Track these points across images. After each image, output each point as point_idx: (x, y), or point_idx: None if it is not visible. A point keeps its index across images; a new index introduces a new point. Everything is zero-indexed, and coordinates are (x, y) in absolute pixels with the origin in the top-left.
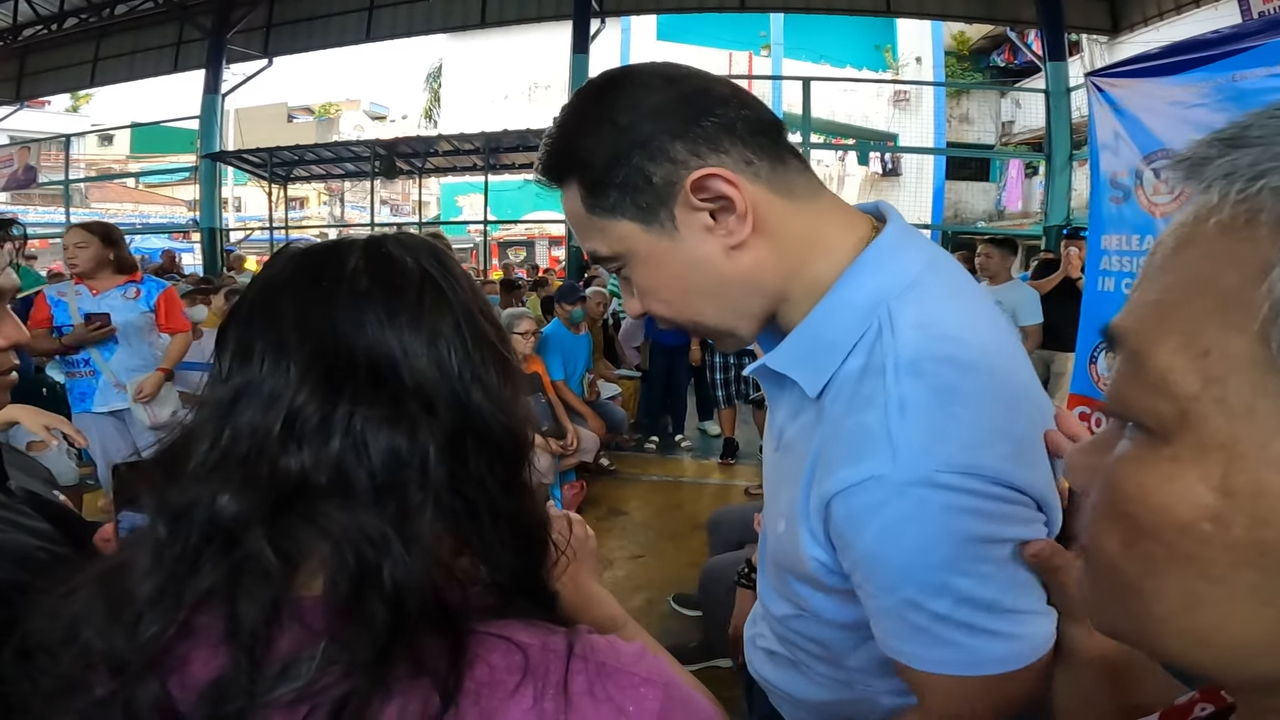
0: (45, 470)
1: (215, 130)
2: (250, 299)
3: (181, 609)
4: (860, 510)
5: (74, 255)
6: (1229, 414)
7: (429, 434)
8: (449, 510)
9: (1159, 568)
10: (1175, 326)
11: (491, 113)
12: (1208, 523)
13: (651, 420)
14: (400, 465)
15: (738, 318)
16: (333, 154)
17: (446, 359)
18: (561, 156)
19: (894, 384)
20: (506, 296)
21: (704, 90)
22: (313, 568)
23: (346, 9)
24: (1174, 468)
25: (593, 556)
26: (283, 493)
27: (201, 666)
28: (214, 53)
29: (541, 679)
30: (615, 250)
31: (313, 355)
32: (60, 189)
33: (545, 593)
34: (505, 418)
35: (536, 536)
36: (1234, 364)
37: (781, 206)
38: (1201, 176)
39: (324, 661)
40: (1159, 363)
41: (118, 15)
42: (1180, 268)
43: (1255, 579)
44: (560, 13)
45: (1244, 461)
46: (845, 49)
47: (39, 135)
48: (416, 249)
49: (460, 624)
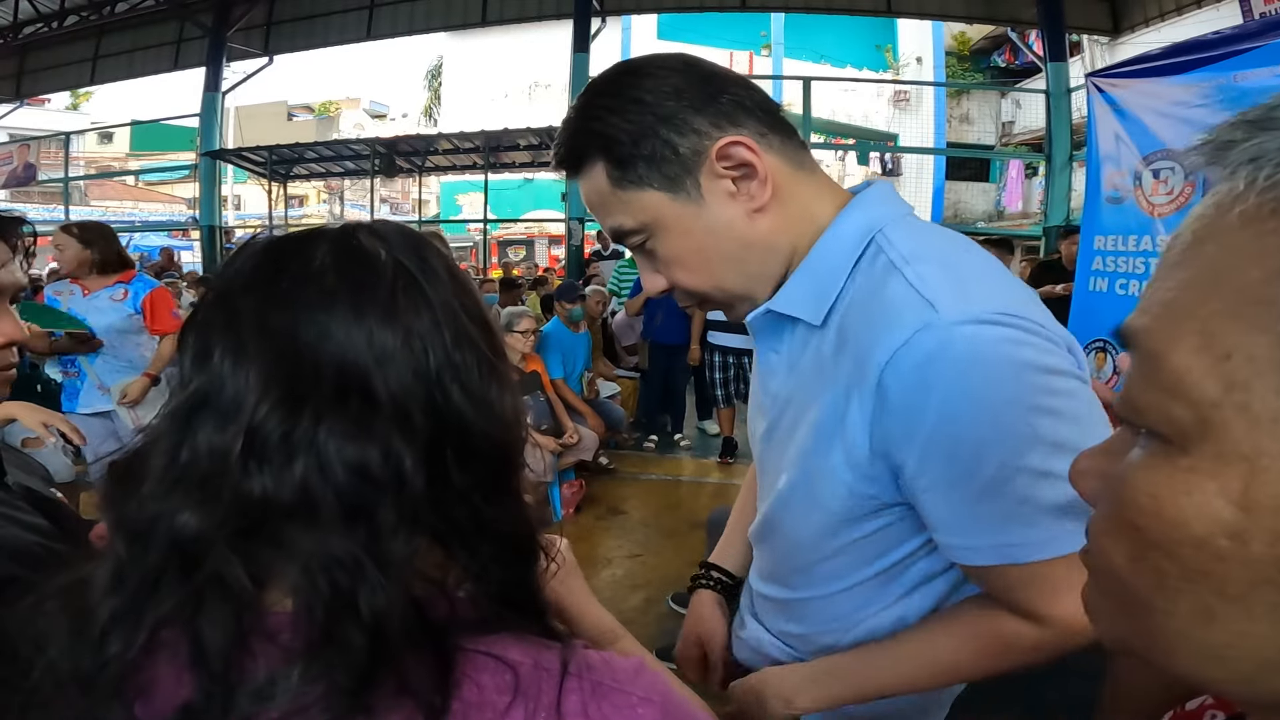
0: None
1: (215, 128)
2: (209, 297)
3: (142, 630)
4: (918, 367)
5: (56, 258)
6: (1253, 422)
7: (404, 446)
8: (431, 525)
9: (1171, 583)
10: (1193, 326)
11: (492, 111)
12: (1225, 538)
13: (650, 419)
14: (372, 482)
15: (756, 281)
16: (332, 152)
17: (423, 361)
18: (585, 137)
19: (906, 268)
20: (505, 295)
21: (717, 73)
22: (283, 588)
23: (347, 7)
24: (1191, 479)
25: (576, 572)
26: (245, 515)
27: (170, 689)
28: (214, 51)
29: (533, 699)
30: (641, 221)
31: (274, 363)
32: (60, 187)
33: (537, 604)
34: (490, 422)
35: (528, 546)
36: (1258, 368)
37: (789, 173)
38: (1225, 161)
39: (302, 683)
40: (1176, 365)
41: (118, 13)
42: (1199, 262)
43: (1275, 597)
44: (561, 11)
45: (1268, 474)
46: (846, 49)
47: (39, 133)
48: (391, 239)
49: (447, 641)
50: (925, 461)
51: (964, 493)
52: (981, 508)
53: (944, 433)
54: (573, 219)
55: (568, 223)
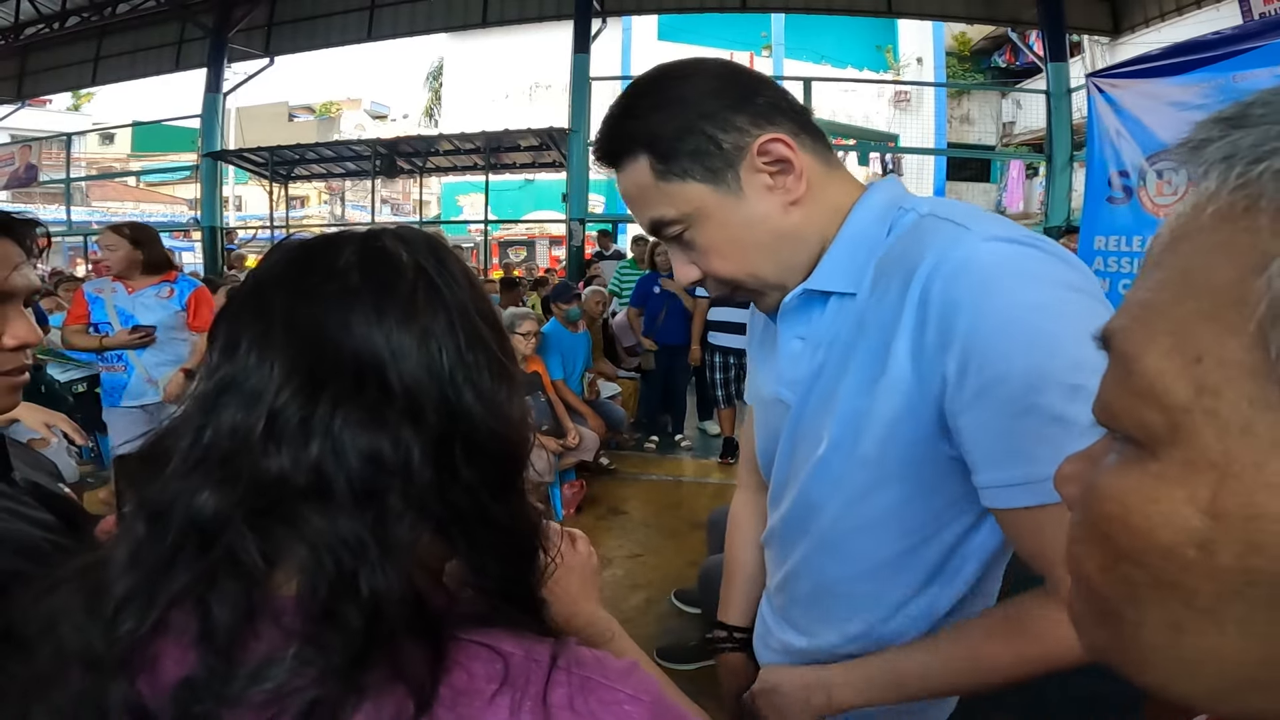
0: (51, 464)
1: (216, 129)
2: (242, 292)
3: (156, 607)
4: (953, 274)
5: (105, 258)
6: (1222, 429)
7: (414, 438)
8: (436, 516)
9: (1141, 593)
10: (1166, 328)
11: (492, 112)
12: (1193, 549)
13: (651, 419)
14: (381, 470)
15: (787, 270)
16: (333, 153)
17: (437, 360)
18: (628, 134)
19: (937, 209)
20: (506, 295)
21: (752, 76)
22: (290, 569)
23: (348, 8)
24: (1159, 486)
25: (593, 576)
26: (262, 494)
27: (173, 666)
28: (215, 52)
29: (520, 689)
30: (683, 212)
31: (297, 353)
32: (61, 187)
33: (534, 601)
34: (498, 421)
35: (528, 544)
36: (1230, 372)
37: (821, 170)
38: (1200, 159)
39: (296, 664)
40: (1147, 368)
41: (119, 14)
42: (1174, 263)
43: (1244, 610)
44: (561, 12)
45: (1237, 482)
46: (846, 49)
47: (40, 134)
48: (415, 244)
49: (442, 630)
50: (963, 372)
51: (997, 406)
52: (1016, 424)
53: (978, 335)
54: (573, 220)
55: (568, 224)
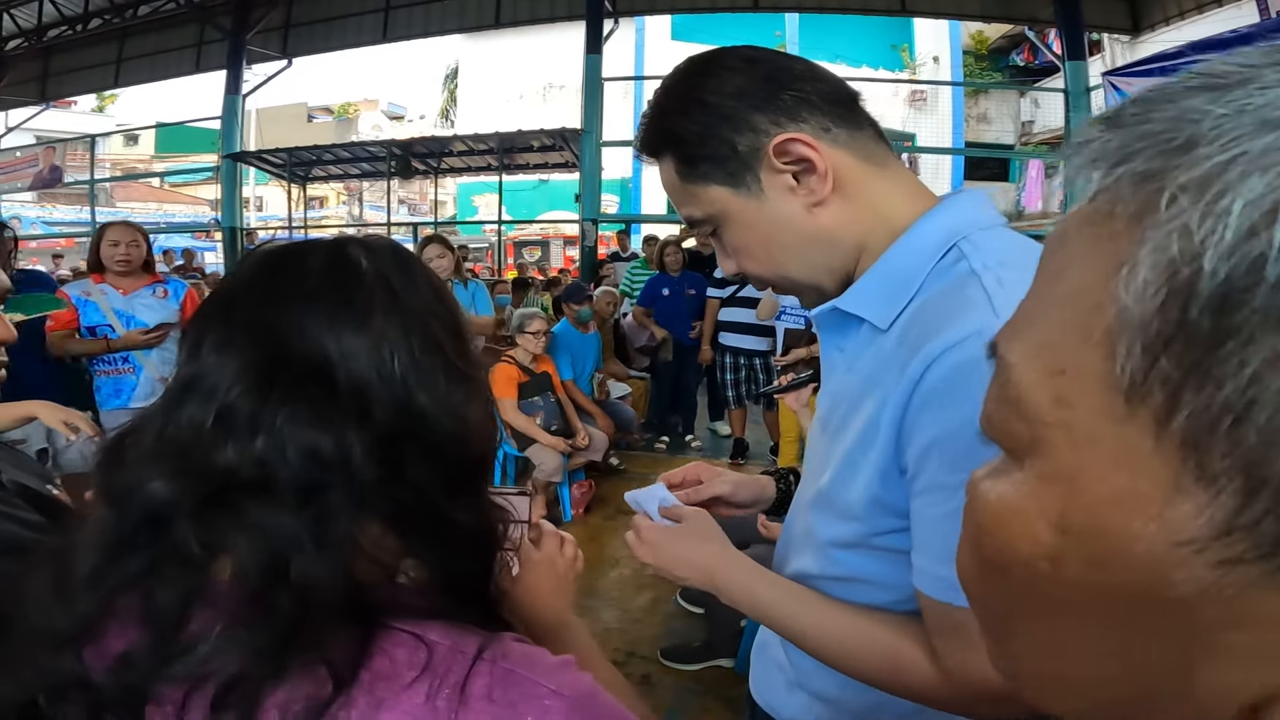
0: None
1: (236, 130)
2: (213, 296)
3: (108, 590)
4: (959, 367)
5: (128, 254)
6: (1073, 442)
7: (359, 436)
8: (382, 512)
9: (1008, 606)
10: (1035, 336)
11: (507, 113)
12: (1046, 561)
13: (661, 420)
14: (323, 465)
15: (820, 273)
16: (350, 154)
17: (388, 363)
18: (657, 134)
19: (985, 274)
20: (518, 295)
21: (782, 69)
22: (231, 557)
23: (363, 9)
24: (1019, 498)
25: (569, 579)
26: (211, 485)
27: (119, 643)
28: (234, 54)
29: (440, 677)
30: (708, 213)
31: (252, 353)
32: (85, 188)
33: (485, 596)
34: (452, 423)
35: (482, 542)
36: (1085, 384)
37: (859, 169)
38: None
39: (223, 643)
40: (1018, 377)
41: (140, 16)
42: (1049, 268)
43: (1095, 627)
44: (573, 13)
45: (1083, 496)
46: (861, 48)
47: (65, 135)
48: (379, 253)
49: (373, 619)
50: (921, 462)
51: (935, 502)
52: (944, 526)
53: (946, 436)
54: (585, 220)
55: (581, 224)
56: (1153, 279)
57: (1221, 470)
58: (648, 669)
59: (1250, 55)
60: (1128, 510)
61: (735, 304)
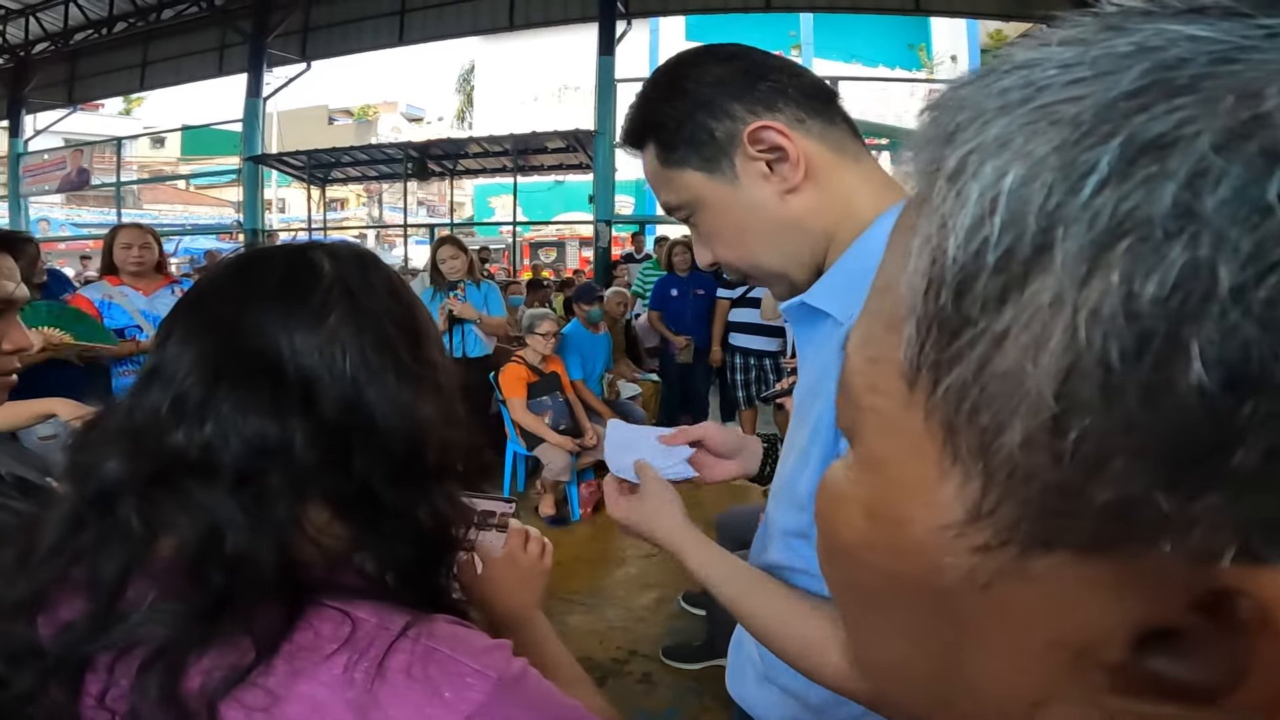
0: (40, 459)
1: (257, 133)
2: (187, 292)
3: (61, 561)
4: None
5: (141, 256)
6: (879, 427)
7: (300, 426)
8: (327, 498)
9: (841, 595)
10: (861, 326)
11: (522, 114)
12: (862, 549)
13: (671, 421)
14: (264, 452)
15: (791, 261)
16: (367, 156)
17: (338, 360)
18: (641, 122)
19: None
20: (532, 295)
21: (760, 63)
22: (172, 533)
23: (379, 12)
24: (844, 485)
25: (535, 576)
26: (159, 466)
27: (66, 611)
28: (254, 56)
29: (360, 651)
30: (684, 199)
31: (210, 346)
32: (113, 191)
33: (430, 583)
34: (400, 419)
35: (428, 533)
36: (888, 370)
37: (831, 160)
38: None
39: (154, 613)
40: (848, 365)
41: (164, 20)
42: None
43: (903, 618)
44: (586, 15)
45: (886, 483)
46: (877, 48)
47: (92, 138)
48: (341, 257)
49: (301, 595)
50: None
51: None
52: None
53: None
54: (600, 221)
55: (595, 225)
56: (919, 266)
57: (969, 453)
58: (649, 668)
59: (1034, 38)
60: (910, 495)
61: (745, 304)
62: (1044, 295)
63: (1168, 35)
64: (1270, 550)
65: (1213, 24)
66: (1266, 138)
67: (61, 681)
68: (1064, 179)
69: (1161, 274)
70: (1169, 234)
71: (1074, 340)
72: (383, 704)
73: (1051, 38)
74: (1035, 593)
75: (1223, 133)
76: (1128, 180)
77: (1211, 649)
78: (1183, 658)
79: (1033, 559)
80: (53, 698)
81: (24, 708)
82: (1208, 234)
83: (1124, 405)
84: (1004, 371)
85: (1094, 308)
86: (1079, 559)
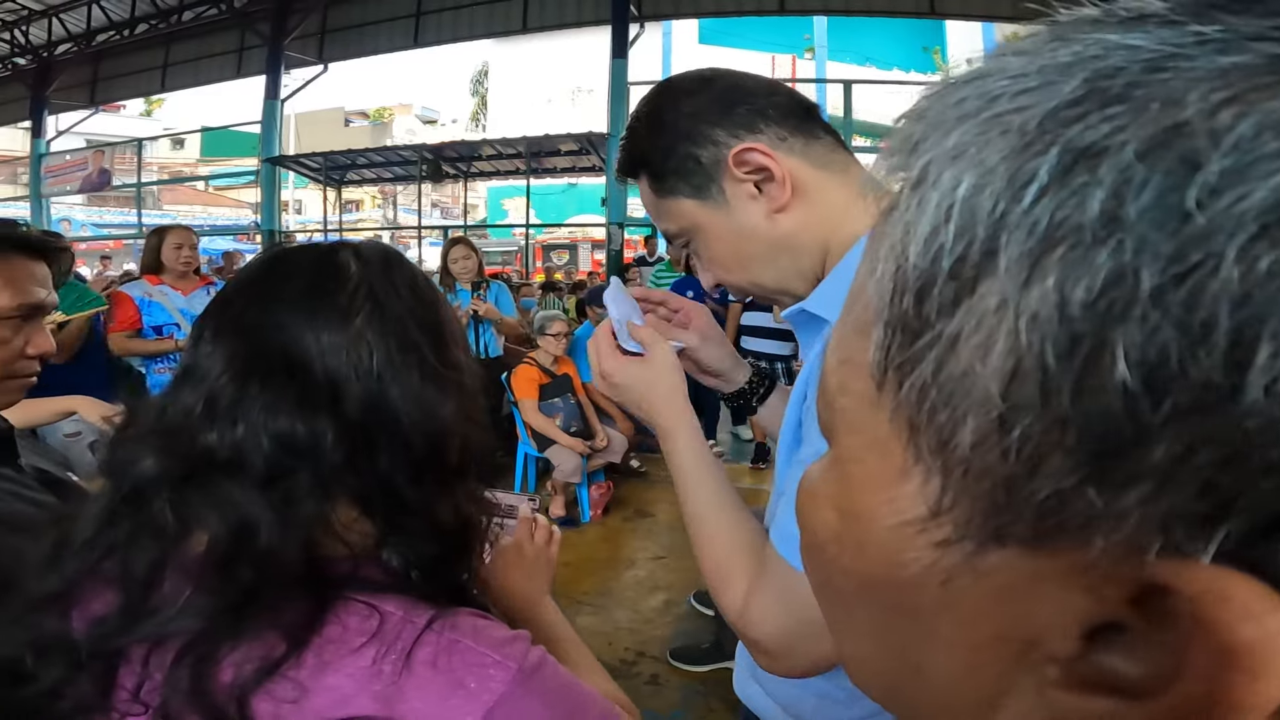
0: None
1: (275, 135)
2: (221, 294)
3: (95, 556)
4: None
5: (190, 257)
6: (848, 426)
7: (329, 425)
8: (352, 495)
9: (819, 591)
10: (838, 327)
11: (536, 117)
12: (833, 545)
13: None
14: (293, 450)
15: (790, 277)
16: (383, 158)
17: (364, 359)
18: (631, 157)
19: None
20: (545, 297)
21: (735, 86)
22: (203, 530)
23: (394, 15)
24: (819, 482)
25: (543, 566)
26: (192, 464)
27: (99, 604)
28: (272, 59)
29: (388, 644)
30: (681, 226)
31: (239, 346)
32: (133, 191)
33: (452, 577)
34: (424, 418)
35: (451, 532)
36: (857, 371)
37: (818, 175)
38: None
39: (186, 606)
40: (826, 366)
41: (184, 22)
42: (860, 264)
43: (866, 615)
44: (600, 18)
45: (851, 480)
46: (892, 51)
47: (113, 139)
48: (367, 258)
49: (329, 589)
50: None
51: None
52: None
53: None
54: (612, 224)
55: (608, 227)
56: (886, 271)
57: (929, 451)
58: (657, 669)
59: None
60: (876, 492)
61: (756, 308)
62: (990, 299)
63: (1106, 44)
64: (1193, 545)
65: (1149, 33)
66: (1185, 146)
67: (94, 674)
68: (1008, 187)
69: (1089, 279)
70: (1097, 240)
71: (1016, 342)
72: (408, 695)
73: (1007, 48)
74: (987, 587)
75: (1146, 141)
76: (1064, 189)
77: (1150, 644)
78: (1128, 653)
79: (986, 554)
80: (82, 691)
81: (53, 704)
82: (1131, 240)
83: (1059, 404)
84: (958, 372)
85: (1033, 312)
86: (1027, 554)
